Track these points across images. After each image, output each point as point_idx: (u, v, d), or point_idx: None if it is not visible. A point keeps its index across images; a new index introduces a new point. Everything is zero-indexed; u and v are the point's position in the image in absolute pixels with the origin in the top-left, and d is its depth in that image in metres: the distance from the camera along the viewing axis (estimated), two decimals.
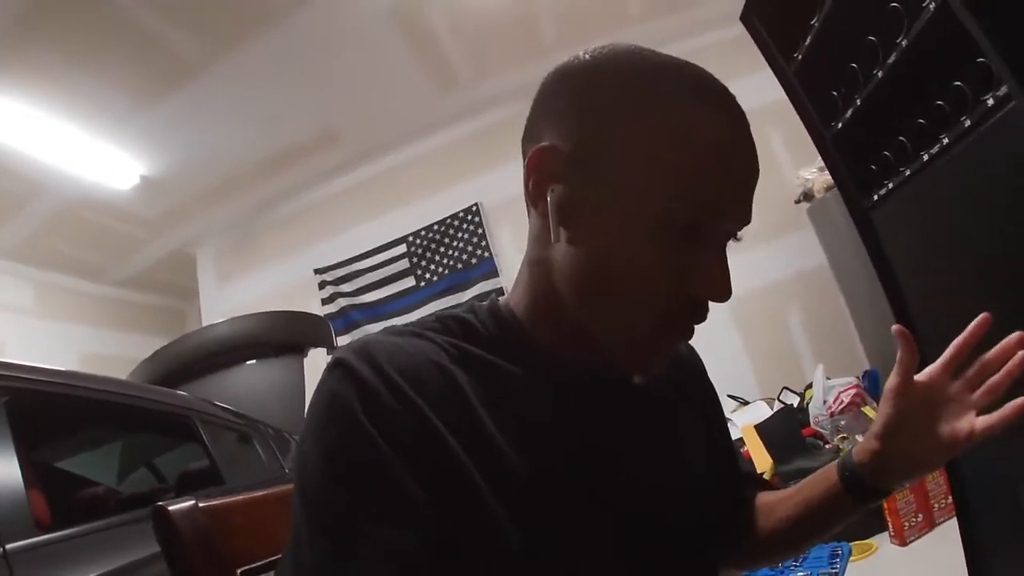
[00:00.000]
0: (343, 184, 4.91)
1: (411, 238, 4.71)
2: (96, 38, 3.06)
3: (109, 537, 1.49)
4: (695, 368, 0.82)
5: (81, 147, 3.80)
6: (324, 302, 4.75)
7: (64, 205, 4.36)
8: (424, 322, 0.62)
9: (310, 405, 0.54)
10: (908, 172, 1.58)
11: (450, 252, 4.63)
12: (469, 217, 4.61)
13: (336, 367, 0.53)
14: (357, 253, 4.76)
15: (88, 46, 3.10)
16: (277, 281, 4.94)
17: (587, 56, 0.60)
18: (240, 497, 0.71)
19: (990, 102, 1.22)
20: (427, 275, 4.66)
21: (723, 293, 0.56)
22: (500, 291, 4.43)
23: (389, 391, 0.51)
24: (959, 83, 1.30)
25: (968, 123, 1.31)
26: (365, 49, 3.71)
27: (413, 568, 0.48)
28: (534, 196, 0.60)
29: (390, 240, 4.73)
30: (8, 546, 1.21)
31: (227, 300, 5.06)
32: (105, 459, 2.49)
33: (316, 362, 3.78)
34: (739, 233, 0.59)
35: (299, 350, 3.30)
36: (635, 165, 0.54)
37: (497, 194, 4.57)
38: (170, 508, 0.64)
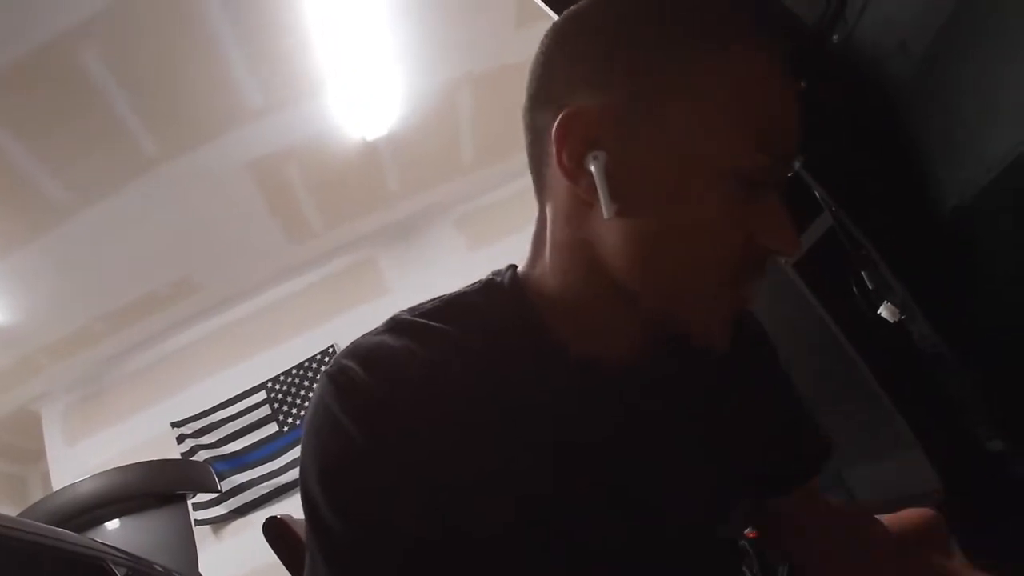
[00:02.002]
0: (198, 333, 4.91)
1: (270, 384, 4.74)
2: None
3: None
4: (756, 351, 0.71)
5: None
6: (184, 456, 4.56)
7: None
8: (428, 309, 0.59)
9: (308, 415, 0.55)
10: None
11: (310, 395, 4.70)
12: (326, 359, 4.75)
13: (331, 374, 0.54)
14: (216, 403, 4.68)
15: None
16: (132, 438, 4.67)
17: None
18: None
19: None
20: (289, 419, 4.67)
21: (794, 243, 0.51)
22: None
23: (383, 398, 0.51)
24: None
25: None
26: (224, 201, 3.95)
27: (415, 568, 0.49)
28: (570, 170, 0.52)
29: (249, 387, 4.73)
30: None
31: (77, 460, 4.62)
32: None
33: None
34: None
35: (182, 498, 3.14)
36: (699, 112, 0.49)
37: (351, 334, 4.70)
38: (280, 517, 0.77)
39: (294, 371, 4.76)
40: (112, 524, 2.87)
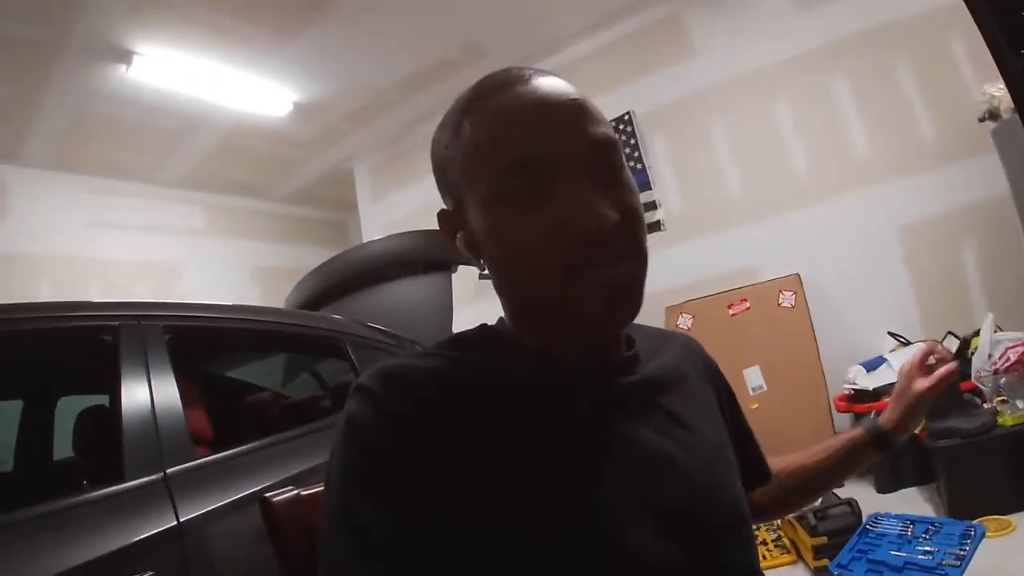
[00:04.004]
0: None
1: None
2: None
3: (260, 456, 1.73)
4: (703, 359, 0.85)
5: (234, 82, 4.19)
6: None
7: (225, 135, 4.81)
8: (439, 344, 0.67)
9: (337, 428, 0.59)
10: None
11: None
12: (621, 127, 4.38)
13: (356, 392, 0.58)
14: None
15: None
16: (430, 194, 4.96)
17: None
18: None
19: None
20: None
21: (589, 218, 0.57)
22: (652, 204, 4.31)
23: (406, 408, 0.56)
24: None
25: None
26: None
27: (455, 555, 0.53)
28: (456, 249, 0.68)
29: None
30: (169, 471, 1.45)
31: (384, 213, 5.33)
32: (272, 366, 2.82)
33: (468, 277, 3.94)
34: (601, 163, 0.61)
35: (447, 267, 3.37)
36: (461, 184, 0.64)
37: (651, 103, 4.35)
38: (274, 500, 0.74)
39: None
40: (389, 284, 3.21)
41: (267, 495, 0.74)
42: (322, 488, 0.61)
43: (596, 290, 0.58)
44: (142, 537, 1.34)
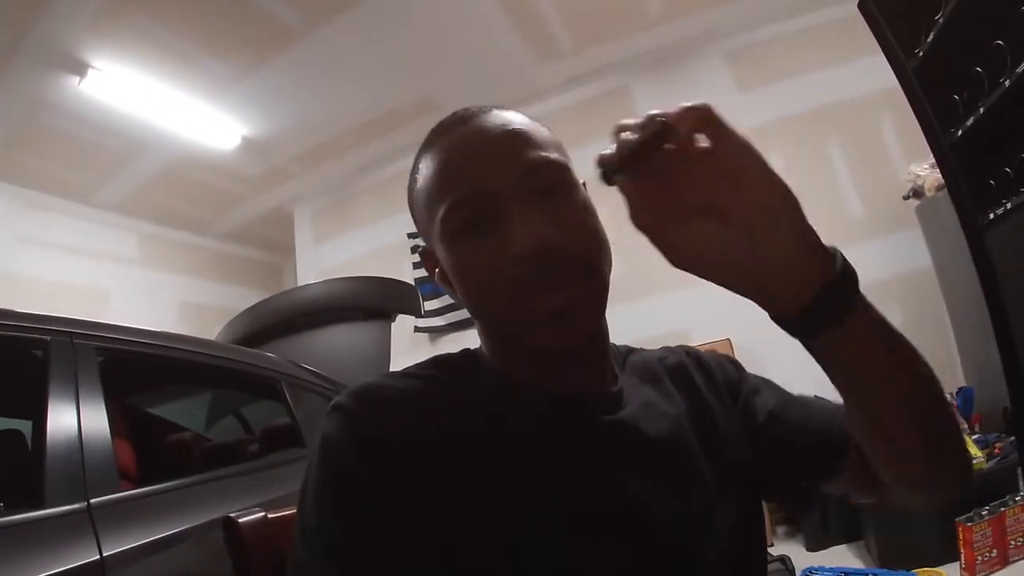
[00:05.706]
0: None
1: None
2: (197, 5, 3.23)
3: (189, 494, 1.61)
4: (705, 376, 0.77)
5: (185, 109, 4.09)
6: (416, 266, 4.79)
7: (168, 162, 4.67)
8: (420, 364, 0.68)
9: (312, 445, 0.60)
10: None
11: None
12: None
13: (333, 410, 0.59)
14: None
15: (189, 13, 3.30)
16: (371, 243, 5.06)
17: None
18: None
19: None
20: None
21: (523, 240, 0.57)
22: None
23: (380, 430, 0.57)
24: None
25: None
26: (464, 17, 3.70)
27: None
28: (443, 284, 0.68)
29: None
30: (93, 500, 1.34)
31: (322, 259, 5.25)
32: (195, 407, 2.67)
33: (403, 327, 3.88)
34: (540, 186, 0.60)
35: (387, 316, 3.32)
36: (426, 223, 0.65)
37: (593, 169, 4.48)
38: (240, 520, 0.71)
39: None
40: (325, 329, 3.11)
41: (232, 514, 0.72)
42: (290, 512, 0.62)
43: (539, 314, 0.58)
44: (59, 570, 1.22)
